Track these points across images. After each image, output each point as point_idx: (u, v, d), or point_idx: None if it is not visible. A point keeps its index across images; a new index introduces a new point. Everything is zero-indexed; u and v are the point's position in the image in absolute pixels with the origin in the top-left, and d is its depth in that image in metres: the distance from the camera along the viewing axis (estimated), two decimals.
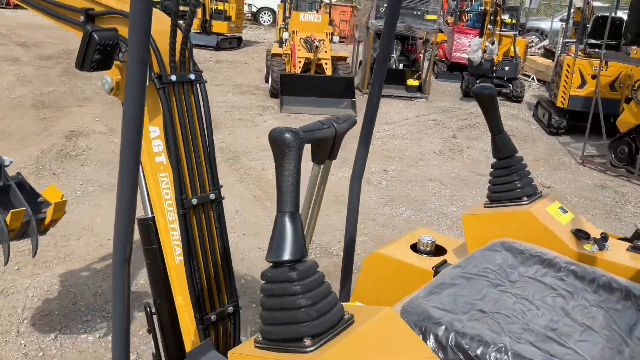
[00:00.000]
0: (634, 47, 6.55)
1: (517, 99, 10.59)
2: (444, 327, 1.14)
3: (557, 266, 1.40)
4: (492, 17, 10.19)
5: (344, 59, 9.67)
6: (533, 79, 12.63)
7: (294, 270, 1.00)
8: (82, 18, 1.71)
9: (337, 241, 4.30)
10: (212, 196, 1.76)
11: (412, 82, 10.13)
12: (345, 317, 1.05)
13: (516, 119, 9.18)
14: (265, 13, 21.51)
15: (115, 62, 1.72)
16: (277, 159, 1.01)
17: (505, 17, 10.73)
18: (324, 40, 9.12)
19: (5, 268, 3.52)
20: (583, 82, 7.72)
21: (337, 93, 8.59)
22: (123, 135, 1.15)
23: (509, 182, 1.78)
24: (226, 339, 1.81)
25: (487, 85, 1.82)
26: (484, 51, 9.86)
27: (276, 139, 1.01)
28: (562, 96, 7.91)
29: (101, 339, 3.11)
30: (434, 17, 9.73)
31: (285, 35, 9.52)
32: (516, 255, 1.46)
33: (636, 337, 1.18)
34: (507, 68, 10.55)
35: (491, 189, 1.83)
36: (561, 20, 16.53)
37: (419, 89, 10.12)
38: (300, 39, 9.15)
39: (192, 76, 1.70)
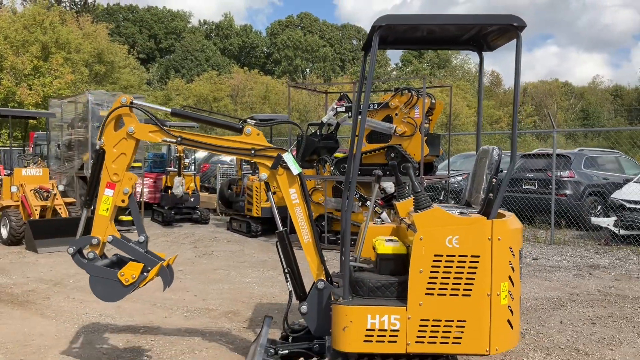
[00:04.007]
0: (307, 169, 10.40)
1: (204, 221, 13.57)
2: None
3: None
4: (177, 161, 13.10)
5: (73, 204, 10.92)
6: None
7: (421, 192, 3.70)
8: (252, 152, 3.94)
9: None
10: (313, 214, 4.11)
11: (125, 217, 11.98)
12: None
13: (220, 232, 12.08)
14: None
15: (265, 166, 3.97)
16: (412, 177, 3.73)
17: (187, 161, 13.80)
18: (54, 189, 10.34)
19: None
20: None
21: (84, 231, 9.91)
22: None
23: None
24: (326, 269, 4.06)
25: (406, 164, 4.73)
26: (181, 186, 12.61)
27: (406, 167, 3.73)
28: (255, 209, 11.26)
29: None
30: (138, 164, 12.06)
31: (14, 189, 10.26)
32: None
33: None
34: (192, 199, 13.50)
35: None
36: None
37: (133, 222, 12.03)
38: (31, 190, 10.15)
39: (300, 170, 4.08)
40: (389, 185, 10.14)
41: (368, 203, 9.55)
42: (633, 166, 14.32)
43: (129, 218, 11.98)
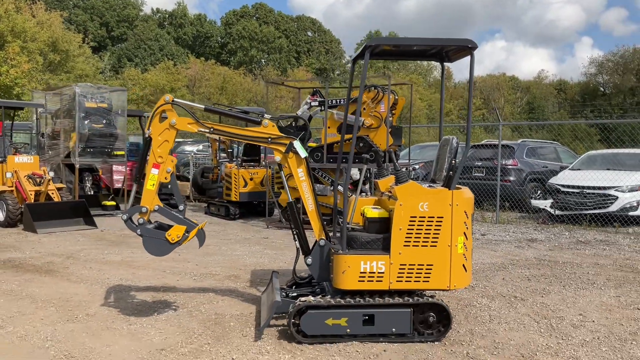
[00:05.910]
0: None
1: None
2: None
3: None
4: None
5: (62, 189, 11.67)
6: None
7: (401, 171, 4.89)
8: (269, 140, 5.03)
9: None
10: (317, 188, 5.24)
11: (108, 202, 12.81)
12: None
13: (199, 216, 13.05)
14: None
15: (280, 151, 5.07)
16: (394, 160, 4.91)
17: None
18: (46, 175, 11.11)
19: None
20: (245, 183, 12.32)
21: (76, 214, 10.79)
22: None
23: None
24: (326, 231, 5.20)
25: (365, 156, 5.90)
26: None
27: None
28: (234, 194, 12.30)
29: None
30: (121, 152, 12.88)
31: (9, 174, 10.94)
32: None
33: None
34: (169, 186, 14.35)
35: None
36: None
37: (117, 207, 12.89)
38: (25, 176, 10.88)
39: (306, 154, 5.20)
40: (354, 173, 11.36)
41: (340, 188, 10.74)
42: (570, 156, 16.07)
43: (112, 203, 12.84)
